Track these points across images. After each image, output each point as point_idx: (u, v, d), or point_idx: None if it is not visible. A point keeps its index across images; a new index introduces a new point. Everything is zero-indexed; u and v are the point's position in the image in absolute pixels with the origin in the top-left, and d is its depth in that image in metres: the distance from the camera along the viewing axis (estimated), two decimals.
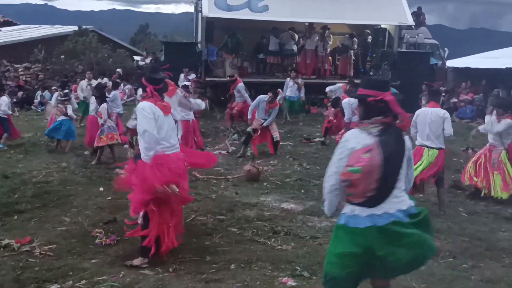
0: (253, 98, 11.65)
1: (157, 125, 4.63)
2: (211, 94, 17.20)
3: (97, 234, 5.55)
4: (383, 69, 17.87)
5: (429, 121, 6.95)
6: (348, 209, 3.27)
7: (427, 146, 6.99)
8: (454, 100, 17.57)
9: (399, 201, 3.25)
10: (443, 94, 16.49)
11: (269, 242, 5.58)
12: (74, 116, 10.74)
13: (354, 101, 9.88)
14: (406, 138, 3.32)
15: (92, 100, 10.03)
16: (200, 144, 9.53)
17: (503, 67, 17.59)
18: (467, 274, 5.01)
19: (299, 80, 14.90)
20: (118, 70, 20.48)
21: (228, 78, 13.64)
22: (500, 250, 5.76)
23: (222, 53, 18.01)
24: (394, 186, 3.23)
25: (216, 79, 16.97)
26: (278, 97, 11.58)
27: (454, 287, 4.65)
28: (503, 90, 16.23)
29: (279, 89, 12.78)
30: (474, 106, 17.19)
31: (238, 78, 13.32)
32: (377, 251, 3.17)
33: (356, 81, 12.02)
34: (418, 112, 7.12)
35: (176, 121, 5.69)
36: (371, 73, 17.22)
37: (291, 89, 14.67)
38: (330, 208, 3.34)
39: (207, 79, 16.91)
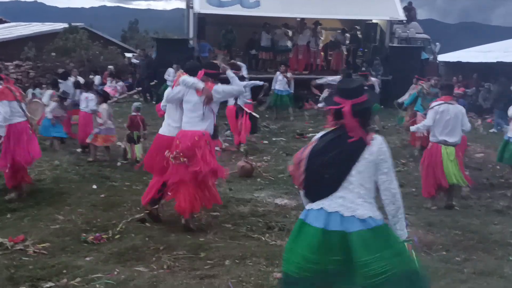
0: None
1: None
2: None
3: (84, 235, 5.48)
4: (374, 64, 17.91)
5: (450, 117, 6.89)
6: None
7: (446, 143, 6.94)
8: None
9: (345, 205, 3.09)
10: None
11: (263, 238, 5.59)
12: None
13: None
14: (376, 142, 3.15)
15: (83, 97, 9.85)
16: None
17: (494, 61, 17.68)
18: (460, 267, 5.06)
19: (289, 74, 14.86)
20: (110, 67, 20.39)
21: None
22: (492, 242, 5.81)
23: (214, 49, 17.99)
24: (336, 185, 3.13)
25: None
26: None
27: (447, 280, 4.68)
28: (494, 84, 16.32)
29: (264, 83, 12.75)
30: (465, 100, 17.27)
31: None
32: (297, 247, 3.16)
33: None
34: (438, 109, 6.94)
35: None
36: (363, 69, 17.27)
37: (280, 82, 14.60)
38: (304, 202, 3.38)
39: None
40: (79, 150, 10.08)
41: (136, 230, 5.73)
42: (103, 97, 9.49)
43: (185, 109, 5.78)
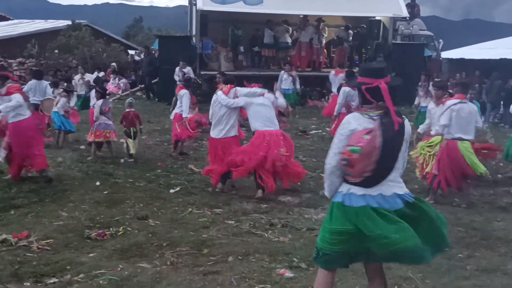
0: None
1: None
2: (206, 87, 17.17)
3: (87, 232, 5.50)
4: (377, 61, 17.84)
5: (465, 115, 7.00)
6: (345, 188, 3.36)
7: (462, 139, 7.01)
8: (450, 91, 17.57)
9: (396, 185, 3.32)
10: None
11: (266, 234, 5.60)
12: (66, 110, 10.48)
13: (349, 90, 9.89)
14: (406, 122, 3.37)
15: (93, 94, 10.01)
16: None
17: (498, 57, 17.63)
18: (463, 264, 5.05)
19: (293, 73, 14.85)
20: (113, 64, 20.41)
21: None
22: (495, 239, 5.80)
23: (216, 46, 17.98)
24: (391, 169, 3.30)
25: (211, 72, 16.94)
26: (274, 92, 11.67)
27: (450, 276, 4.68)
28: (497, 80, 16.26)
29: (274, 82, 12.79)
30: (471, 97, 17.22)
31: None
32: (367, 231, 3.21)
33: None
34: (454, 108, 6.99)
35: None
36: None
37: (285, 81, 14.60)
38: (330, 190, 3.45)
39: (202, 72, 16.88)
40: (82, 147, 10.11)
41: (139, 226, 5.74)
42: (101, 93, 9.49)
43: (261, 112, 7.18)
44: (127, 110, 9.30)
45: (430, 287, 4.40)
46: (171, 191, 7.34)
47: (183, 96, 9.55)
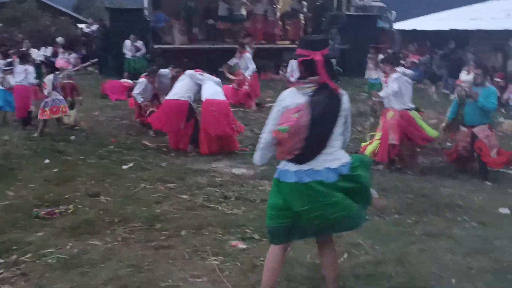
0: (203, 66, 11.39)
1: None
2: (161, 62, 16.82)
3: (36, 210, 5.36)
4: (332, 33, 17.93)
5: (405, 86, 7.37)
6: (282, 163, 3.36)
7: (411, 108, 7.49)
8: (402, 62, 17.89)
9: (330, 159, 3.25)
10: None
11: (220, 207, 5.59)
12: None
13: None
14: (344, 98, 3.32)
15: (20, 69, 9.47)
16: None
17: (448, 28, 17.99)
18: (411, 229, 5.21)
19: (253, 45, 14.68)
20: (59, 38, 19.62)
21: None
22: (442, 205, 6.00)
23: (170, 20, 17.58)
24: (324, 145, 3.24)
25: (165, 46, 16.60)
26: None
27: (398, 242, 4.82)
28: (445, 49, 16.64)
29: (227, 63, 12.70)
30: (421, 67, 17.60)
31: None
32: (297, 207, 3.22)
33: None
34: (401, 78, 7.30)
35: None
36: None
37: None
38: (261, 160, 3.47)
39: (155, 46, 16.51)
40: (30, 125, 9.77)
41: (90, 204, 5.63)
42: (50, 67, 9.16)
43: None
44: (64, 81, 9.20)
45: (379, 253, 4.51)
46: (124, 167, 7.21)
47: (139, 83, 9.35)
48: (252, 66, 12.32)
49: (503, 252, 4.63)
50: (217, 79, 8.46)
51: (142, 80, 9.37)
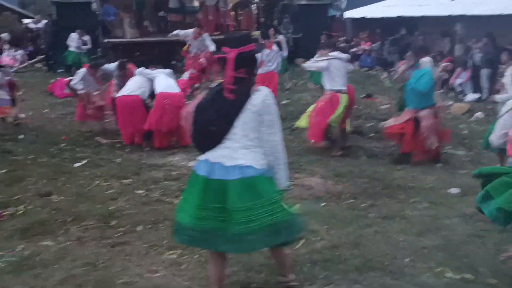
0: (156, 59, 11.17)
1: None
2: (113, 56, 16.47)
3: None
4: (284, 22, 18.00)
5: (335, 70, 7.55)
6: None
7: (341, 91, 7.64)
8: (354, 49, 18.20)
9: (227, 156, 3.18)
10: (344, 44, 17.01)
11: (176, 201, 5.51)
12: None
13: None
14: (258, 95, 3.22)
15: None
16: None
17: (395, 15, 18.37)
18: (366, 213, 5.32)
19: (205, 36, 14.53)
20: (4, 34, 18.90)
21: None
22: (395, 187, 6.16)
23: (119, 12, 17.18)
24: (219, 139, 3.19)
25: (116, 40, 16.24)
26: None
27: (353, 225, 4.91)
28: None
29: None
30: (372, 54, 17.93)
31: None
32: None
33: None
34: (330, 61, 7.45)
35: None
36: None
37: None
38: None
39: (105, 40, 16.14)
40: None
41: (42, 203, 5.47)
42: None
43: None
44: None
45: (335, 237, 4.59)
46: (77, 164, 7.04)
47: (78, 73, 9.08)
48: (213, 46, 12.19)
49: (453, 230, 4.79)
50: (168, 70, 8.35)
51: (82, 70, 9.09)
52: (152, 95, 7.98)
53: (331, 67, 7.41)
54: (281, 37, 12.18)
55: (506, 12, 14.19)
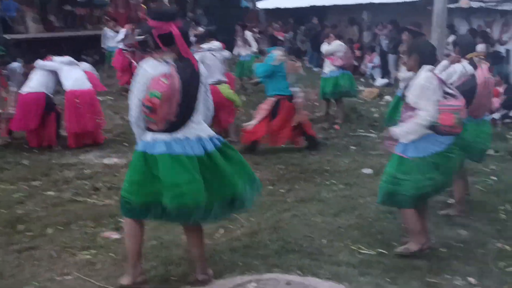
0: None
1: None
2: (16, 54, 15.48)
3: None
4: (198, 14, 17.83)
5: (210, 62, 7.35)
6: (148, 136, 3.27)
7: (221, 81, 7.55)
8: (280, 38, 18.37)
9: (200, 128, 3.30)
10: (258, 35, 17.11)
11: (90, 200, 5.32)
12: None
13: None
14: (201, 66, 3.38)
15: None
16: None
17: (308, 5, 18.73)
18: (284, 198, 5.40)
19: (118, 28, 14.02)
20: None
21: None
22: (311, 172, 6.29)
23: (21, 7, 16.18)
24: (193, 111, 3.27)
25: (18, 36, 15.28)
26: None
27: (272, 210, 4.96)
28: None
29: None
30: (286, 44, 18.16)
31: None
32: (162, 178, 3.17)
33: None
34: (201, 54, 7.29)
35: None
36: (187, 19, 17.08)
37: (111, 38, 13.74)
38: (138, 138, 3.39)
39: (7, 37, 15.14)
40: None
41: None
42: None
43: None
44: None
45: (255, 224, 4.60)
46: None
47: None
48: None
49: (367, 209, 4.97)
50: (68, 59, 7.83)
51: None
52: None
53: (206, 60, 7.09)
54: (200, 30, 12.03)
55: None
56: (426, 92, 3.74)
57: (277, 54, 7.01)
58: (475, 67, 4.74)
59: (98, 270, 3.77)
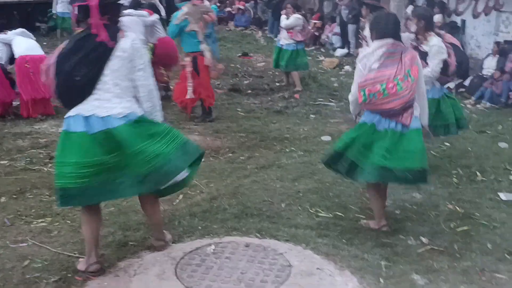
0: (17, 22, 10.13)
1: None
2: None
3: None
4: None
5: None
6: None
7: None
8: (229, 9, 18.16)
9: (101, 106, 3.04)
10: (218, 4, 16.84)
11: (45, 169, 5.18)
12: None
13: None
14: (125, 41, 3.09)
15: None
16: None
17: None
18: (244, 165, 5.41)
19: None
20: None
21: None
22: (271, 139, 6.32)
23: None
24: (90, 89, 3.05)
25: None
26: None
27: (232, 177, 4.97)
28: None
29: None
30: (247, 14, 17.99)
31: None
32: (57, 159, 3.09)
33: None
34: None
35: None
36: None
37: (62, 4, 13.25)
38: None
39: None
40: None
41: None
42: None
43: None
44: None
45: (214, 190, 4.61)
46: None
47: None
48: None
49: (325, 174, 5.03)
50: (22, 30, 7.49)
51: None
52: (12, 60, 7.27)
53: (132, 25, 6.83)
54: None
55: None
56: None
57: (180, 12, 6.88)
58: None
59: (54, 237, 3.70)
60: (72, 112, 3.06)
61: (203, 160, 5.42)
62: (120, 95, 3.08)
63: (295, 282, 3.10)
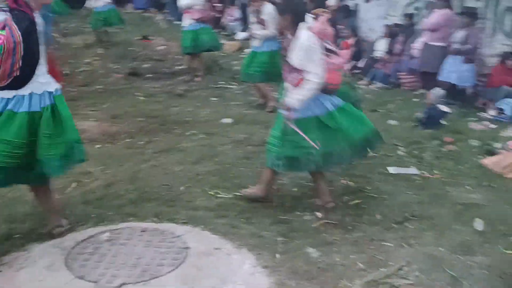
0: None
1: None
2: None
3: None
4: None
5: None
6: None
7: None
8: None
9: (47, 82, 3.10)
10: None
11: None
12: None
13: None
14: (36, 15, 3.04)
15: None
16: None
17: None
18: (143, 150, 5.28)
19: None
20: None
21: None
22: (172, 123, 6.22)
23: None
24: (37, 63, 3.02)
25: None
26: None
27: (130, 163, 4.83)
28: None
29: None
30: None
31: None
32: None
33: None
34: None
35: None
36: None
37: None
38: None
39: None
40: None
41: None
42: None
43: None
44: None
45: (110, 176, 4.45)
46: None
47: None
48: None
49: (226, 155, 5.06)
50: None
51: None
52: None
53: None
54: None
55: None
56: (311, 53, 3.52)
57: None
58: None
59: None
60: (24, 91, 3.01)
61: (98, 146, 5.33)
62: (45, 71, 3.12)
63: (192, 263, 3.08)
